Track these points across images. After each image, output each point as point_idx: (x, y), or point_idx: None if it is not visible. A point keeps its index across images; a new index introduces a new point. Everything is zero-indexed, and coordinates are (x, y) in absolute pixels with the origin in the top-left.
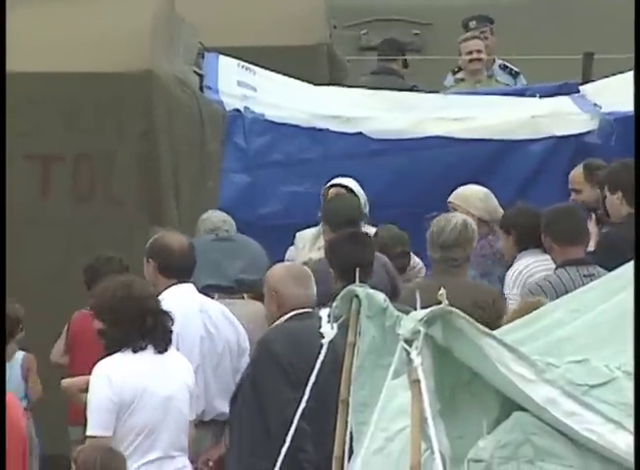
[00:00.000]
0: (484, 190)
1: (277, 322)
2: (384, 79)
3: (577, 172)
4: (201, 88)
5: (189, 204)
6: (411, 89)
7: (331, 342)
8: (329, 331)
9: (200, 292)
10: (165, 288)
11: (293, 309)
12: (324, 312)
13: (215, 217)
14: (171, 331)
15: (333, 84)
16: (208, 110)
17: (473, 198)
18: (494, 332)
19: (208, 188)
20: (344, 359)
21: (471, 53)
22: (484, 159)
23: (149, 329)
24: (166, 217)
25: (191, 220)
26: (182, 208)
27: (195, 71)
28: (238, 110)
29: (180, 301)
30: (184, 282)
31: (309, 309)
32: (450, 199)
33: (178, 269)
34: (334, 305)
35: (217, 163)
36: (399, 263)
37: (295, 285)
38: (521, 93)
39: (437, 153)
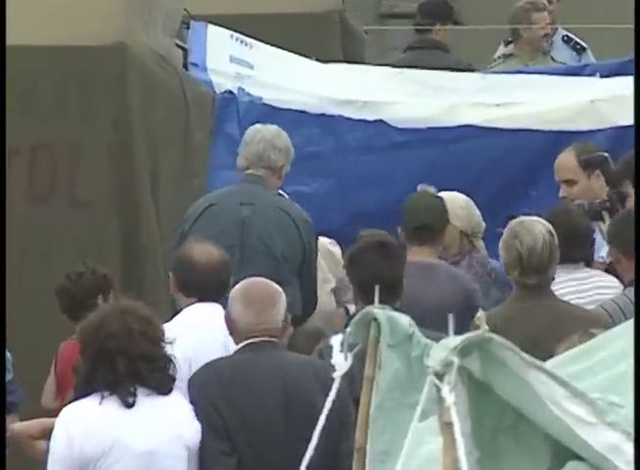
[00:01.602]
0: (464, 197)
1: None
2: (426, 56)
3: (568, 159)
4: (185, 65)
5: (170, 206)
6: (468, 68)
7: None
8: (341, 363)
9: None
10: (186, 307)
11: (246, 337)
12: (336, 340)
13: (255, 147)
14: (171, 376)
15: (347, 61)
16: (194, 91)
17: (453, 205)
18: (545, 364)
19: (194, 187)
20: (360, 398)
21: (545, 26)
22: (534, 154)
23: (128, 371)
24: (142, 222)
25: (171, 225)
26: (162, 210)
27: (178, 45)
28: (231, 92)
29: (196, 326)
30: (208, 302)
31: (267, 338)
32: None
33: (199, 288)
34: (347, 330)
35: (205, 156)
36: None
37: (243, 307)
38: (577, 71)
39: (475, 146)
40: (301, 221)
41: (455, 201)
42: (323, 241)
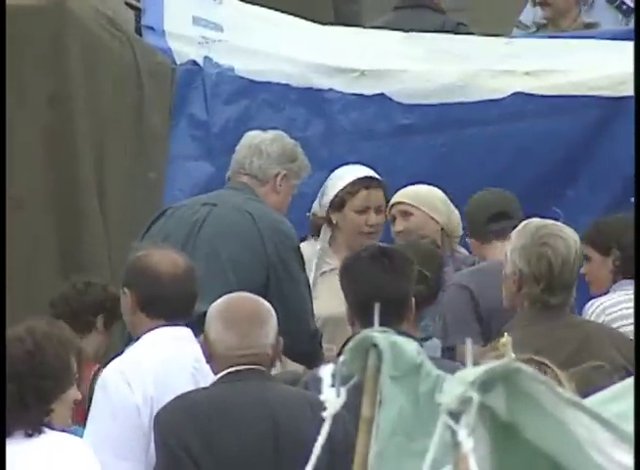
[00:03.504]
0: (443, 194)
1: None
2: (413, 16)
3: None
4: (138, 29)
5: (119, 204)
6: (457, 29)
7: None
8: (332, 399)
9: None
10: (148, 332)
11: (227, 365)
12: (326, 371)
13: (238, 154)
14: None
15: (339, 23)
16: (150, 62)
17: (433, 199)
18: (586, 401)
19: (149, 181)
20: (356, 443)
21: None
22: (573, 138)
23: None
24: (85, 224)
25: (122, 229)
26: (109, 210)
27: (129, 4)
28: (195, 62)
29: (159, 357)
30: (175, 324)
31: (252, 366)
32: (400, 198)
33: (167, 305)
34: (341, 359)
35: (163, 143)
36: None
37: (223, 328)
38: (623, 37)
39: (498, 131)
40: (270, 230)
41: (434, 194)
42: None
